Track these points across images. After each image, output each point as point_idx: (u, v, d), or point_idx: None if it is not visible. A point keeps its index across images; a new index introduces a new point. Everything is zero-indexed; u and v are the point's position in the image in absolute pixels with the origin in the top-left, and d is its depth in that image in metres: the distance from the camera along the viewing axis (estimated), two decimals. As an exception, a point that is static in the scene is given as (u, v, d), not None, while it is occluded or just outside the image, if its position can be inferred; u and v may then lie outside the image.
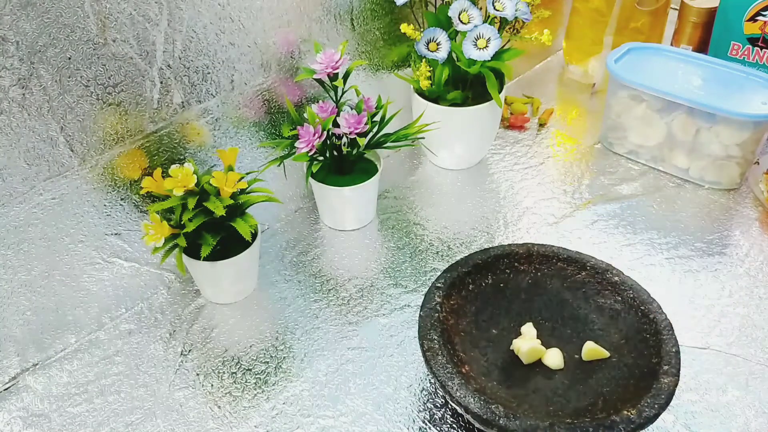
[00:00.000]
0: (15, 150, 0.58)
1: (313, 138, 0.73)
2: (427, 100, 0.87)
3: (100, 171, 0.65)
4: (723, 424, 0.60)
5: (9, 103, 0.56)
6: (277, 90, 0.78)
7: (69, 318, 0.69)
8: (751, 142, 0.83)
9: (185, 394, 0.64)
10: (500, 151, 0.96)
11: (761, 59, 0.93)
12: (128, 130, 0.65)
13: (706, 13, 0.99)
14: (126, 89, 0.63)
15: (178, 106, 0.68)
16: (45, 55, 0.57)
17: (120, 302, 0.72)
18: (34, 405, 0.64)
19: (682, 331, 0.67)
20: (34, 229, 0.62)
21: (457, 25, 0.81)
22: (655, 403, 0.52)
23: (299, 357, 0.68)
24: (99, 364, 0.68)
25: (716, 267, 0.76)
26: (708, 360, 0.66)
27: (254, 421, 0.62)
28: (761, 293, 0.73)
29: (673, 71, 0.89)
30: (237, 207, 0.69)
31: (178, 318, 0.72)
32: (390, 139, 0.79)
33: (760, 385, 0.63)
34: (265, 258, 0.79)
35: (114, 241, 0.69)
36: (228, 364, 0.67)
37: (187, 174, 0.64)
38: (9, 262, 0.62)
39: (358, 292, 0.75)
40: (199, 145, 0.72)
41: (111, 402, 0.64)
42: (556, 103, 1.07)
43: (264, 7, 0.71)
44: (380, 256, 0.79)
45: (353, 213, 0.82)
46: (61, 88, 0.59)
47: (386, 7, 0.86)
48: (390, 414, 0.62)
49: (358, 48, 0.85)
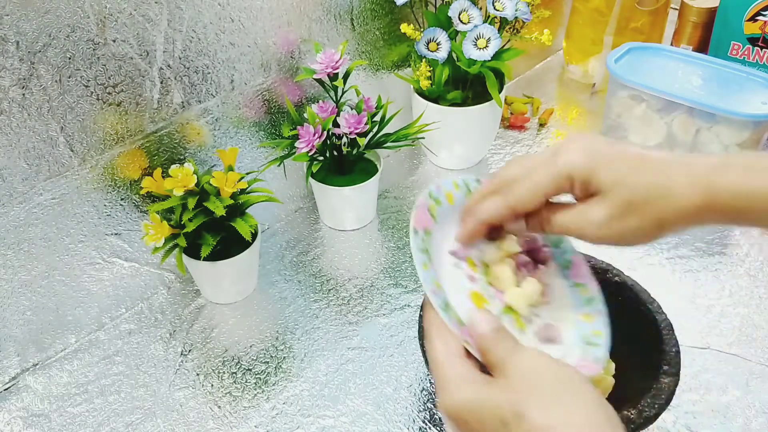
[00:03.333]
0: (15, 150, 0.58)
1: (314, 138, 0.73)
2: (427, 100, 0.87)
3: (101, 171, 0.65)
4: (723, 424, 0.60)
5: (9, 103, 0.56)
6: (278, 90, 0.78)
7: (69, 318, 0.69)
8: (751, 141, 0.83)
9: (185, 394, 0.65)
10: (500, 151, 0.96)
11: (761, 59, 0.93)
12: (128, 130, 0.65)
13: (706, 13, 0.99)
14: (126, 89, 0.63)
15: (178, 106, 0.68)
16: (45, 55, 0.57)
17: (120, 302, 0.72)
18: (34, 405, 0.64)
19: (682, 331, 0.67)
20: (34, 229, 0.62)
21: (457, 25, 0.81)
22: (655, 403, 0.52)
23: (299, 357, 0.68)
24: (99, 364, 0.68)
25: (716, 267, 0.76)
26: (708, 360, 0.66)
27: (254, 421, 0.62)
28: (761, 293, 0.73)
29: (673, 71, 0.89)
30: (237, 207, 0.69)
31: (178, 318, 0.72)
32: (390, 139, 0.79)
33: (761, 385, 0.63)
34: (265, 258, 0.79)
35: (114, 241, 0.69)
36: (228, 364, 0.67)
37: (187, 174, 0.64)
38: (9, 262, 0.62)
39: (358, 292, 0.75)
40: (199, 145, 0.72)
41: (111, 402, 0.64)
42: (556, 102, 1.07)
43: (264, 7, 0.71)
44: (380, 256, 0.79)
45: (353, 213, 0.82)
46: (61, 88, 0.59)
47: (386, 7, 0.86)
48: (390, 414, 0.62)
49: (358, 48, 0.85)
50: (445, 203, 0.49)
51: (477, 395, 0.37)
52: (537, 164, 0.45)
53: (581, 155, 0.43)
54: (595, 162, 0.42)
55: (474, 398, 0.37)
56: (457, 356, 0.40)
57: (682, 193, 0.41)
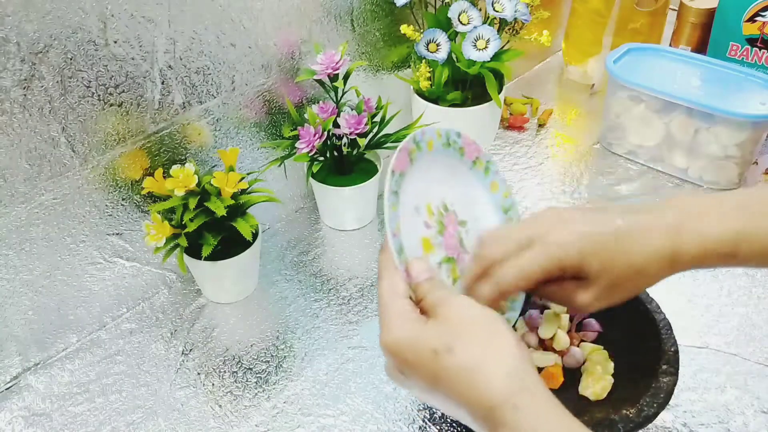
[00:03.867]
0: (17, 150, 0.58)
1: (314, 138, 0.73)
2: (427, 100, 0.87)
3: (102, 171, 0.65)
4: (722, 423, 0.60)
5: (11, 104, 0.56)
6: (278, 91, 0.78)
7: (70, 317, 0.69)
8: (749, 142, 0.83)
9: (186, 393, 0.65)
10: (500, 152, 0.97)
11: (760, 60, 0.94)
12: (129, 130, 0.66)
13: (704, 14, 0.99)
14: (127, 90, 0.64)
15: (179, 106, 0.69)
16: (46, 56, 0.57)
17: (121, 302, 0.73)
18: (36, 404, 0.64)
19: (680, 331, 0.67)
20: (36, 229, 0.63)
21: (457, 26, 0.81)
22: (654, 402, 0.53)
23: (300, 356, 0.68)
24: (100, 363, 0.68)
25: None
26: (707, 359, 0.66)
27: (255, 420, 0.62)
28: (759, 293, 0.73)
29: (672, 72, 0.90)
30: (238, 207, 0.69)
31: (180, 317, 0.73)
32: (390, 140, 0.79)
33: (759, 384, 0.64)
34: (266, 258, 0.79)
35: (115, 241, 0.69)
36: (229, 364, 0.67)
37: (188, 174, 0.65)
38: (11, 262, 0.62)
39: (359, 291, 0.75)
40: (200, 145, 0.73)
41: (112, 401, 0.64)
42: (555, 103, 1.07)
43: (264, 8, 0.72)
44: (380, 256, 0.79)
45: (353, 213, 0.82)
46: (63, 88, 0.59)
47: (386, 8, 0.86)
48: (390, 413, 0.62)
49: (358, 49, 0.85)
50: (424, 149, 0.51)
51: (413, 332, 0.42)
52: (518, 246, 0.48)
53: (572, 245, 0.46)
54: (582, 250, 0.46)
55: (410, 334, 0.42)
56: (401, 297, 0.44)
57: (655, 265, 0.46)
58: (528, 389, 0.39)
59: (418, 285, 0.45)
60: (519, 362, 0.40)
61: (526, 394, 0.39)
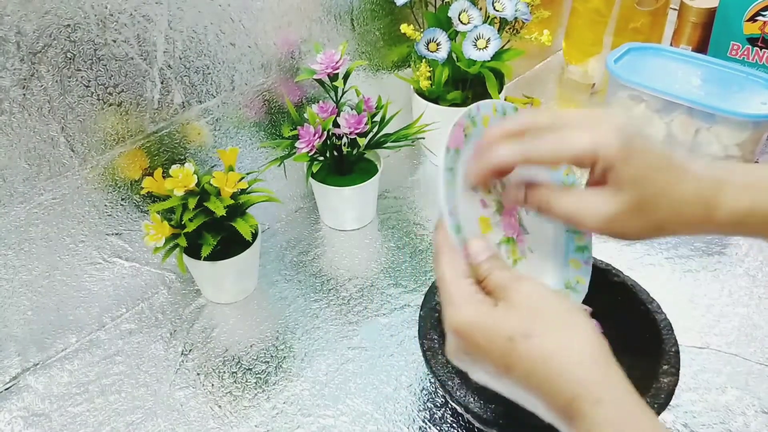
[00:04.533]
0: (16, 150, 0.58)
1: (314, 138, 0.73)
2: (427, 100, 0.87)
3: (101, 171, 0.65)
4: (722, 424, 0.60)
5: (10, 104, 0.56)
6: (278, 90, 0.78)
7: (70, 318, 0.69)
8: (750, 142, 0.83)
9: (186, 393, 0.65)
10: (500, 151, 0.96)
11: (761, 59, 0.94)
12: (129, 130, 0.65)
13: (705, 14, 0.99)
14: (127, 89, 0.63)
15: (178, 106, 0.68)
16: (46, 56, 0.57)
17: (121, 302, 0.73)
18: (35, 405, 0.64)
19: (681, 331, 0.67)
20: (35, 229, 0.63)
21: (457, 26, 0.81)
22: (654, 403, 0.52)
23: (299, 356, 0.68)
24: (100, 363, 0.68)
25: (716, 267, 0.76)
26: (707, 359, 0.66)
27: (255, 420, 0.62)
28: (761, 293, 0.73)
29: (672, 71, 0.89)
30: (237, 207, 0.69)
31: (179, 318, 0.72)
32: (390, 139, 0.79)
33: (760, 384, 0.63)
34: (266, 258, 0.79)
35: (115, 241, 0.69)
36: (228, 364, 0.67)
37: (188, 174, 0.65)
38: (10, 262, 0.62)
39: (359, 291, 0.75)
40: (200, 145, 0.73)
41: (112, 402, 0.64)
42: (555, 103, 1.07)
43: (264, 7, 0.72)
44: (380, 256, 0.79)
45: (353, 213, 0.82)
46: (62, 88, 0.59)
47: (386, 8, 0.86)
48: (390, 413, 0.62)
49: (358, 48, 0.85)
50: (480, 126, 0.48)
51: (485, 315, 0.40)
52: (571, 124, 0.44)
53: (616, 141, 0.42)
54: (624, 152, 0.42)
55: (483, 318, 0.40)
56: (464, 277, 0.42)
57: (688, 204, 0.43)
58: (610, 381, 0.38)
59: (480, 265, 0.43)
60: (599, 352, 0.38)
61: (608, 386, 0.37)
